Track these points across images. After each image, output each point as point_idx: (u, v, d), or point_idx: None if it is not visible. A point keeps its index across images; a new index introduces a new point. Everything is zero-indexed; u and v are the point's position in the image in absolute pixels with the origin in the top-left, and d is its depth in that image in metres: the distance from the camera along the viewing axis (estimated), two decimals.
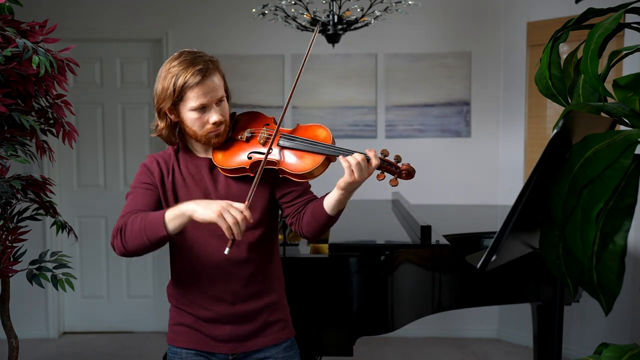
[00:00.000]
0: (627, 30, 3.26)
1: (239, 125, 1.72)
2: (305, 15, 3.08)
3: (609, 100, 1.28)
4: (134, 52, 4.23)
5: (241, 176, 1.67)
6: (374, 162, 1.52)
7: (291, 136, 1.63)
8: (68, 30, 3.95)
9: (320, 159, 1.57)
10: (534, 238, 1.31)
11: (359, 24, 3.11)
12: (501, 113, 4.15)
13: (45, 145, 2.09)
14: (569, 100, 1.40)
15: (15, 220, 2.11)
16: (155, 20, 4.16)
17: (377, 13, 3.12)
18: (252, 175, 1.63)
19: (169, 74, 1.58)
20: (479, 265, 1.20)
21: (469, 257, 2.41)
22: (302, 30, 3.16)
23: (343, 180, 1.52)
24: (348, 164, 1.50)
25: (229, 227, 1.42)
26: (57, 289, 2.02)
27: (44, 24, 2.06)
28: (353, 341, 2.22)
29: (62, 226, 2.20)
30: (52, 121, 2.11)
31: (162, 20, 4.15)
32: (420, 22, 4.10)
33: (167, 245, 1.73)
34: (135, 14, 4.16)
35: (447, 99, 4.15)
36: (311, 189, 1.76)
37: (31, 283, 2.01)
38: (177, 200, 1.66)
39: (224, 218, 1.42)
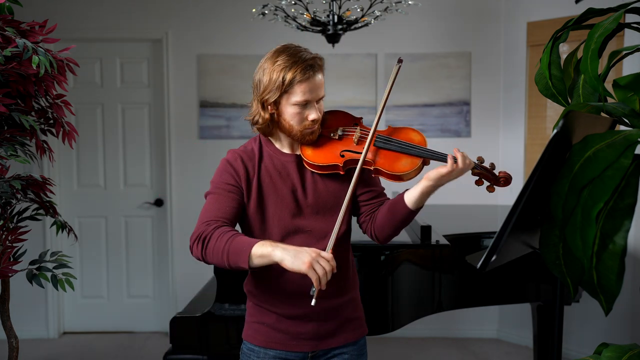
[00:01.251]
0: (627, 30, 3.26)
1: (327, 123, 1.72)
2: (305, 15, 3.08)
3: (609, 100, 1.28)
4: (134, 52, 4.23)
5: (329, 174, 1.68)
6: (470, 161, 1.58)
7: (388, 137, 1.66)
8: (68, 30, 3.95)
9: (418, 161, 1.62)
10: (534, 238, 1.31)
11: (359, 24, 3.11)
12: (501, 113, 4.15)
13: (45, 145, 2.09)
14: (569, 100, 1.40)
15: (15, 220, 2.11)
16: (155, 20, 4.16)
17: (377, 13, 3.12)
18: (342, 173, 1.66)
19: (278, 66, 1.58)
20: (479, 265, 1.20)
21: (469, 257, 2.41)
22: (302, 30, 3.16)
23: (436, 172, 1.56)
24: (453, 159, 1.56)
25: (319, 279, 1.41)
26: (57, 289, 2.02)
27: (44, 24, 2.06)
28: None
29: (62, 226, 2.20)
30: (52, 121, 2.11)
31: (162, 20, 4.15)
32: (420, 22, 4.10)
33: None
34: (135, 14, 4.16)
35: (447, 99, 4.15)
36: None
37: (31, 283, 2.01)
38: (261, 197, 1.65)
39: (315, 270, 1.41)
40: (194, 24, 4.15)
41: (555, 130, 1.07)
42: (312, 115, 1.62)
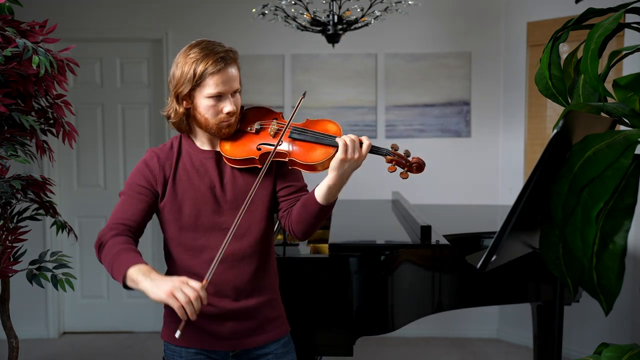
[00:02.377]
0: (627, 30, 3.26)
1: (247, 118, 1.73)
2: (305, 15, 3.08)
3: (609, 100, 1.28)
4: (134, 52, 4.23)
5: (247, 168, 1.68)
6: (366, 142, 1.57)
7: (302, 129, 1.67)
8: (68, 30, 3.95)
9: (331, 150, 1.60)
10: (534, 238, 1.31)
11: (359, 24, 3.11)
12: (501, 113, 4.15)
13: (45, 145, 2.09)
14: (569, 100, 1.40)
15: (15, 220, 2.11)
16: (155, 20, 4.16)
17: (377, 13, 3.12)
18: (259, 166, 1.65)
19: (190, 59, 1.60)
20: (479, 265, 1.20)
21: (469, 257, 2.41)
22: (302, 30, 3.16)
23: (335, 160, 1.55)
24: (343, 141, 1.54)
25: (181, 307, 1.35)
26: (57, 289, 2.02)
27: (44, 24, 2.06)
28: (353, 341, 2.22)
29: (62, 226, 2.20)
30: (52, 121, 2.11)
31: (162, 20, 4.15)
32: (420, 22, 4.10)
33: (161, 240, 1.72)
34: (135, 14, 4.16)
35: (447, 99, 4.15)
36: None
37: (31, 283, 2.01)
38: (177, 196, 1.65)
39: (175, 297, 1.36)
40: (194, 24, 4.15)
41: (555, 130, 1.07)
42: (227, 107, 1.62)
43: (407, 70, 4.14)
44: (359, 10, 3.14)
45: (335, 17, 3.04)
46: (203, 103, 1.62)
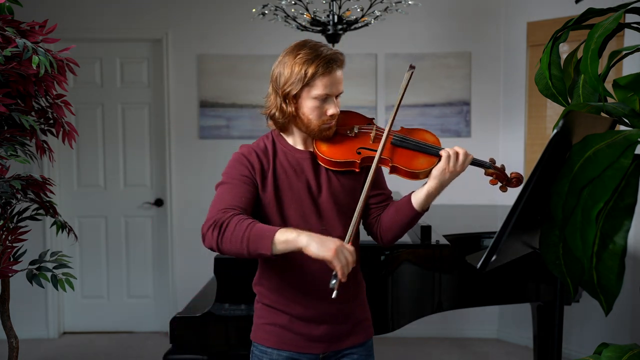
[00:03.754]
0: (627, 30, 3.26)
1: (340, 122, 1.73)
2: (305, 15, 3.08)
3: (609, 100, 1.28)
4: (134, 52, 4.23)
5: (344, 171, 1.68)
6: (470, 157, 1.63)
7: (404, 136, 1.68)
8: (68, 30, 3.95)
9: (434, 160, 1.65)
10: (534, 238, 1.31)
11: (359, 24, 3.11)
12: (501, 113, 4.15)
13: (45, 145, 2.09)
14: (569, 100, 1.40)
15: (15, 220, 2.11)
16: (155, 20, 4.16)
17: (377, 13, 3.12)
18: (357, 170, 1.67)
19: (300, 59, 1.59)
20: (479, 265, 1.20)
21: (469, 257, 2.41)
22: (302, 30, 3.16)
23: (437, 169, 1.60)
24: (447, 152, 1.59)
25: (342, 268, 1.38)
26: (57, 289, 2.02)
27: (44, 24, 2.06)
28: None
29: (62, 226, 2.20)
30: (52, 121, 2.11)
31: (162, 20, 4.15)
32: (420, 22, 4.10)
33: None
34: (135, 14, 4.16)
35: (447, 99, 4.15)
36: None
37: (31, 283, 2.01)
38: (278, 193, 1.63)
39: (339, 258, 1.38)
40: (194, 24, 4.15)
41: (555, 130, 1.07)
42: (331, 110, 1.62)
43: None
44: (359, 10, 3.14)
45: (335, 17, 3.04)
46: (309, 104, 1.61)
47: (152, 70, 4.22)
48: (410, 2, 3.07)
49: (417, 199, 1.63)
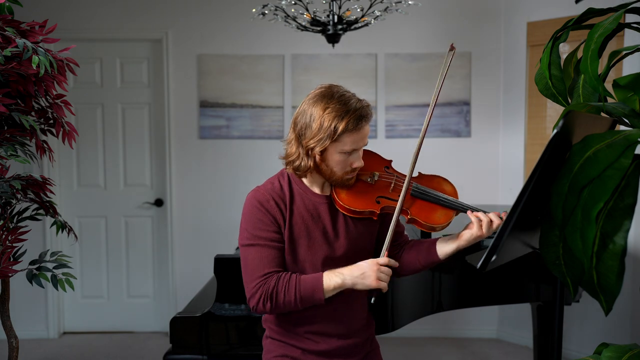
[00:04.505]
0: (627, 30, 3.26)
1: None
2: (305, 15, 3.08)
3: (609, 100, 1.28)
4: (134, 52, 4.23)
5: (361, 218, 1.68)
6: (496, 222, 1.60)
7: (424, 189, 1.69)
8: (68, 30, 3.95)
9: (452, 214, 1.67)
10: (534, 238, 1.31)
11: (359, 24, 3.11)
12: (501, 113, 4.15)
13: (45, 145, 2.09)
14: (569, 100, 1.40)
15: (15, 220, 2.11)
16: (155, 20, 4.16)
17: (377, 13, 3.12)
18: (375, 219, 1.69)
19: (328, 115, 1.54)
20: (479, 265, 1.20)
21: (469, 257, 2.41)
22: (302, 30, 3.16)
23: (470, 234, 1.61)
24: (479, 220, 1.60)
25: (385, 286, 1.55)
26: (57, 289, 2.02)
27: (44, 24, 2.06)
28: None
29: (62, 226, 2.20)
30: (52, 121, 2.11)
31: (162, 20, 4.15)
32: (420, 22, 4.10)
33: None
34: (135, 14, 4.16)
35: (447, 99, 4.15)
36: None
37: (31, 283, 2.01)
38: (293, 239, 1.62)
39: (382, 280, 1.54)
40: (194, 24, 4.15)
41: (555, 130, 1.07)
42: (357, 163, 1.62)
43: (407, 70, 4.14)
44: (359, 10, 3.14)
45: (335, 17, 3.04)
46: (335, 157, 1.59)
47: (152, 70, 4.22)
48: (410, 2, 3.07)
49: (444, 252, 1.67)
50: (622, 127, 1.22)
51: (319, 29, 3.12)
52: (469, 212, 1.63)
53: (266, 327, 1.75)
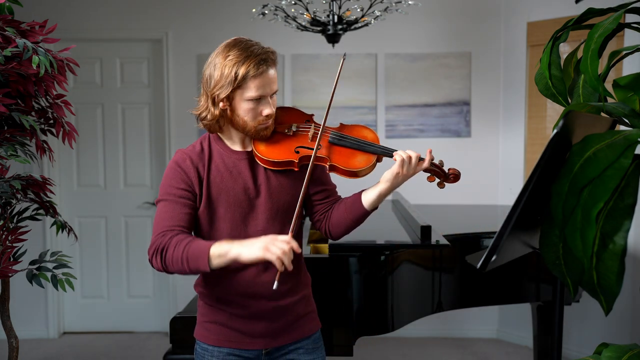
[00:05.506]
0: (627, 30, 3.26)
1: (279, 119, 1.72)
2: (305, 15, 3.08)
3: (609, 100, 1.28)
4: (134, 52, 4.23)
5: (282, 170, 1.67)
6: (426, 160, 1.62)
7: (342, 134, 1.68)
8: (68, 30, 3.95)
9: (372, 158, 1.65)
10: (534, 238, 1.31)
11: (359, 24, 3.11)
12: (501, 113, 4.15)
13: (45, 145, 2.09)
14: (569, 100, 1.40)
15: (15, 220, 2.11)
16: (155, 20, 4.16)
17: (377, 13, 3.12)
18: (296, 169, 1.66)
19: (230, 61, 1.55)
20: (479, 265, 1.20)
21: (469, 257, 2.41)
22: (302, 30, 3.16)
23: (390, 172, 1.61)
24: (401, 157, 1.60)
25: (278, 258, 1.42)
26: (57, 289, 2.02)
27: (44, 24, 2.06)
28: (353, 341, 2.22)
29: (62, 226, 2.20)
30: (52, 121, 2.11)
31: (162, 20, 4.15)
32: (420, 22, 4.10)
33: None
34: (135, 14, 4.16)
35: (447, 99, 4.15)
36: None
37: (31, 283, 2.01)
38: (211, 198, 1.63)
39: (271, 251, 1.42)
40: (194, 24, 4.15)
41: (555, 130, 1.07)
42: (266, 110, 1.61)
43: (407, 70, 4.14)
44: (359, 10, 3.14)
45: (335, 17, 3.04)
46: (243, 106, 1.59)
47: (152, 70, 4.22)
48: (410, 2, 3.07)
49: (368, 199, 1.65)
50: (622, 127, 1.23)
51: (319, 29, 3.12)
52: (394, 152, 1.62)
53: (197, 291, 1.75)
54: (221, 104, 1.60)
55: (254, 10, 3.21)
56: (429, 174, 1.70)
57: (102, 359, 3.88)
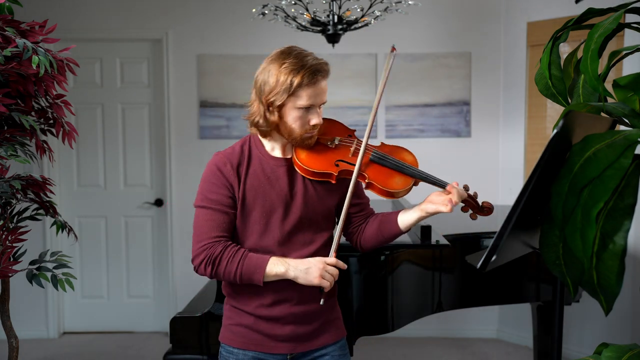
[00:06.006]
0: (627, 30, 3.26)
1: (321, 130, 1.73)
2: (305, 15, 3.08)
3: (609, 100, 1.28)
4: (134, 52, 4.23)
5: (320, 181, 1.69)
6: (464, 196, 1.64)
7: (384, 154, 1.71)
8: (68, 30, 3.95)
9: (410, 181, 1.68)
10: (534, 238, 1.31)
11: (359, 24, 3.11)
12: (501, 113, 4.15)
13: (45, 145, 2.09)
14: (569, 100, 1.40)
15: (15, 220, 2.11)
16: (155, 20, 4.16)
17: (377, 13, 3.12)
18: (333, 182, 1.68)
19: (285, 69, 1.59)
20: (479, 265, 1.20)
21: (469, 257, 2.41)
22: (302, 30, 3.16)
23: (435, 209, 1.61)
24: (453, 201, 1.59)
25: (329, 286, 1.57)
26: (57, 289, 2.02)
27: (43, 24, 2.06)
28: (353, 341, 2.22)
29: (62, 226, 2.20)
30: (52, 121, 2.11)
31: (162, 20, 4.15)
32: (420, 22, 4.10)
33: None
34: (135, 14, 4.16)
35: (447, 99, 4.15)
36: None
37: (31, 283, 2.01)
38: (245, 201, 1.64)
39: (325, 279, 1.56)
40: (194, 24, 4.15)
41: (555, 130, 1.07)
42: (314, 120, 1.63)
43: (407, 70, 4.14)
44: (359, 10, 3.14)
45: (335, 17, 3.04)
46: (292, 114, 1.61)
47: (152, 70, 4.22)
48: (410, 2, 3.07)
49: (405, 222, 1.68)
50: (622, 127, 1.23)
51: (319, 29, 3.12)
52: (448, 186, 1.63)
53: (224, 293, 1.76)
54: (274, 111, 1.62)
55: (254, 10, 3.21)
56: (463, 205, 1.71)
57: (102, 359, 3.89)
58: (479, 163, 4.16)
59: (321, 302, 1.58)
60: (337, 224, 1.66)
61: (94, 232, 4.29)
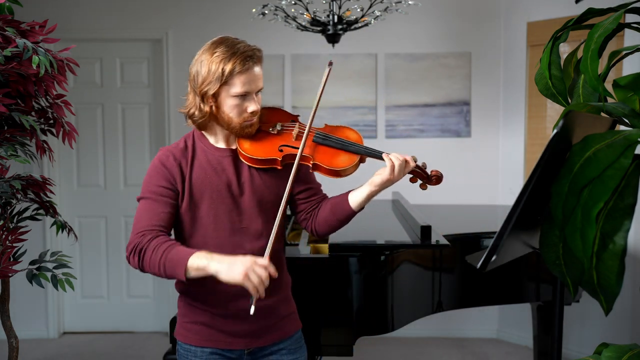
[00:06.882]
0: (627, 30, 3.25)
1: (264, 118, 1.73)
2: (305, 15, 3.08)
3: (609, 100, 1.28)
4: (134, 52, 4.23)
5: (266, 168, 1.68)
6: (412, 164, 1.63)
7: (326, 134, 1.70)
8: (68, 30, 3.95)
9: (355, 158, 1.66)
10: (534, 238, 1.31)
11: (359, 24, 3.11)
12: (501, 113, 4.15)
13: (45, 145, 2.09)
14: (569, 100, 1.40)
15: (15, 220, 2.11)
16: (155, 20, 4.16)
17: (377, 13, 3.12)
18: (279, 168, 1.67)
19: (216, 57, 1.58)
20: (479, 265, 1.20)
21: (469, 257, 2.41)
22: (302, 30, 3.16)
23: (381, 177, 1.62)
24: (391, 162, 1.60)
25: (255, 287, 1.44)
26: (57, 289, 2.02)
27: (44, 24, 2.06)
28: (353, 341, 2.22)
29: (62, 226, 2.20)
30: (52, 121, 2.11)
31: (162, 20, 4.15)
32: (420, 22, 4.10)
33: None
34: (135, 14, 4.16)
35: (447, 99, 4.15)
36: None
37: (31, 283, 2.02)
38: (193, 195, 1.63)
39: (250, 279, 1.43)
40: (194, 24, 4.15)
41: (555, 130, 1.07)
42: (251, 107, 1.62)
43: (407, 70, 4.14)
44: (359, 10, 3.14)
45: (335, 17, 3.04)
46: (228, 102, 1.61)
47: (152, 70, 4.22)
48: (410, 2, 3.07)
49: (355, 200, 1.66)
50: (622, 127, 1.23)
51: (319, 29, 3.12)
52: (384, 154, 1.63)
53: (178, 289, 1.74)
54: (208, 101, 1.61)
55: (254, 10, 3.21)
56: (411, 176, 1.71)
57: (102, 359, 3.89)
58: (479, 163, 4.16)
59: (251, 312, 1.46)
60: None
61: (94, 232, 4.29)
